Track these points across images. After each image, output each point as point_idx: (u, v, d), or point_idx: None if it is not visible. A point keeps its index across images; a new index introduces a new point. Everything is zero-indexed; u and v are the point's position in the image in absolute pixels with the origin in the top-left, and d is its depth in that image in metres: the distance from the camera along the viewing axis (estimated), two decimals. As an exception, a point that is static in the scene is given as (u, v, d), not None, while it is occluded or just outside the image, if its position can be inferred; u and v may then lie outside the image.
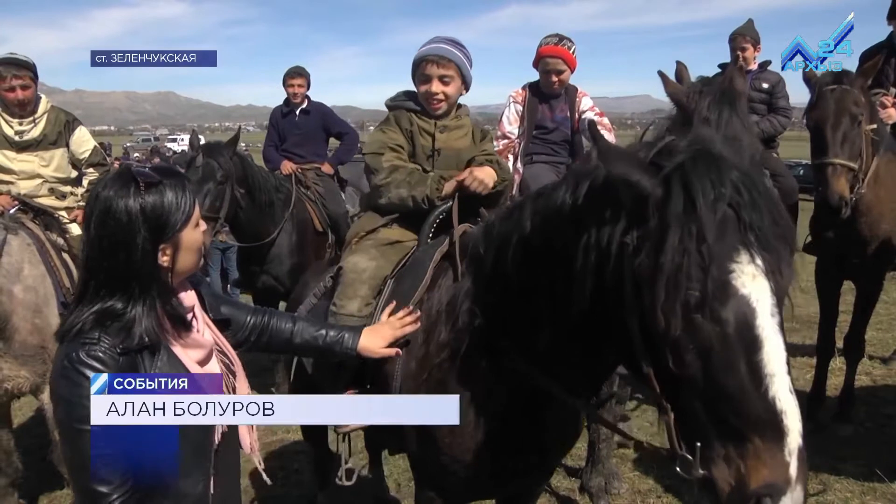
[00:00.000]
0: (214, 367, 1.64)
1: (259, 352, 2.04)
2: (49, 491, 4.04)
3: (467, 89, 2.66)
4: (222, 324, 1.81)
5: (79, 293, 1.51)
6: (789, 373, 1.30)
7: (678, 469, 1.38)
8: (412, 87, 2.64)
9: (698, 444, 1.33)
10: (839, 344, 4.81)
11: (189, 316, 1.60)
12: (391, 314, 2.17)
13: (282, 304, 4.74)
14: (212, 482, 1.58)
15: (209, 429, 1.57)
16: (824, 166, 3.80)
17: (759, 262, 1.29)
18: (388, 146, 2.56)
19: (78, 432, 1.41)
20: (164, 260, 1.52)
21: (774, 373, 1.27)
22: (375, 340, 2.10)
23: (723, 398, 1.28)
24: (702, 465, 1.32)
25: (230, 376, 1.67)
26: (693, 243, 1.27)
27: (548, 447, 2.17)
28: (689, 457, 1.34)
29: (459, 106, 2.69)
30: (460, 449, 2.04)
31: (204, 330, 1.65)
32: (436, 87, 2.54)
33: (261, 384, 5.09)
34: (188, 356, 1.56)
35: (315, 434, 3.31)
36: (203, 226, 1.63)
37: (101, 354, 1.42)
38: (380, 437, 2.43)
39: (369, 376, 2.28)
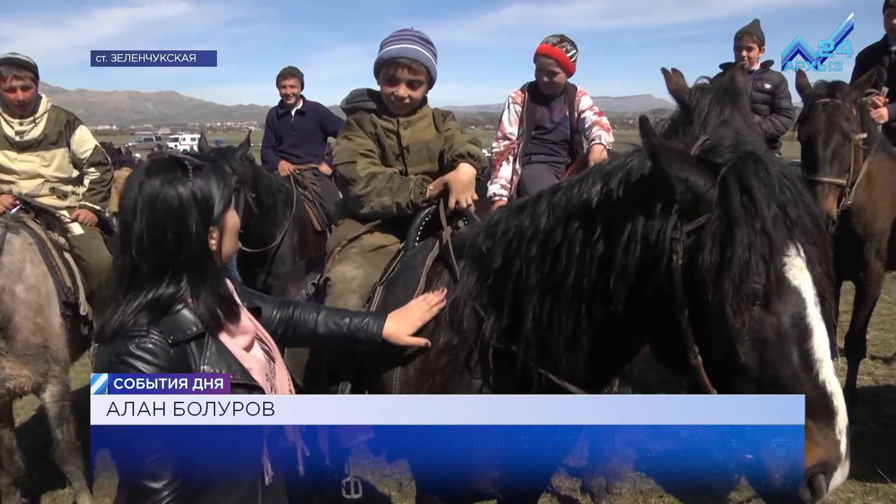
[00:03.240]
0: (258, 353, 1.64)
1: (285, 345, 1.99)
2: (51, 490, 4.05)
3: (431, 87, 2.57)
4: (254, 313, 1.79)
5: (125, 284, 1.48)
6: (832, 357, 1.39)
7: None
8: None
9: None
10: (840, 344, 4.80)
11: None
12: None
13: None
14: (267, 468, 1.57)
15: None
16: (813, 183, 3.82)
17: (803, 254, 1.38)
18: (360, 153, 2.47)
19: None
20: (212, 243, 1.53)
21: (822, 358, 1.36)
22: (402, 326, 2.03)
23: (776, 384, 1.36)
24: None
25: (270, 362, 1.67)
26: (757, 238, 1.34)
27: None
28: None
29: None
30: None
31: (245, 317, 1.65)
32: (403, 91, 2.45)
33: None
34: (235, 343, 1.55)
35: None
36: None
37: (151, 346, 1.41)
38: (378, 444, 2.38)
39: (366, 385, 2.23)
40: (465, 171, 2.43)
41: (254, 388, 1.54)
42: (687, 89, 3.62)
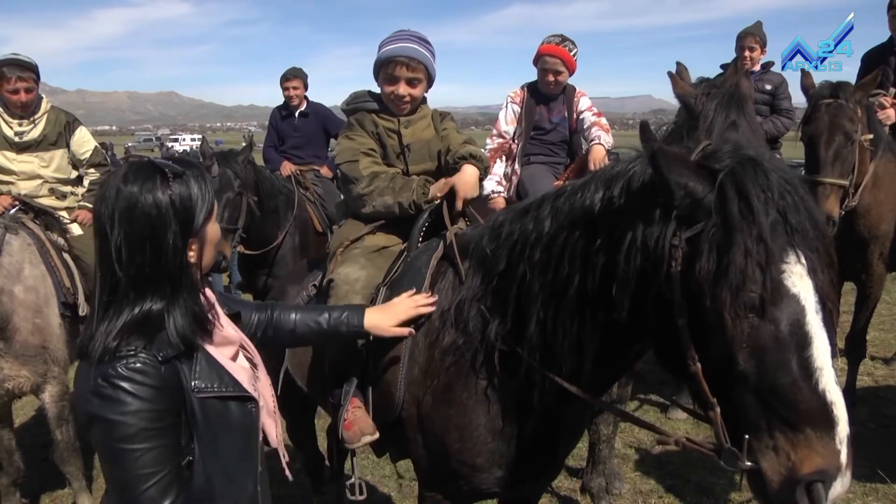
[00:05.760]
0: (243, 361, 1.61)
1: (266, 347, 1.96)
2: (51, 490, 4.05)
3: (431, 86, 2.58)
4: (233, 318, 1.74)
5: (105, 301, 1.39)
6: (834, 365, 1.37)
7: (722, 463, 1.43)
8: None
9: (746, 436, 1.38)
10: (840, 345, 4.80)
11: (212, 313, 1.54)
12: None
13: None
14: (258, 481, 1.55)
15: (254, 428, 1.53)
16: (815, 184, 3.83)
17: (803, 261, 1.36)
18: (362, 152, 2.48)
19: (122, 452, 1.32)
20: (191, 255, 1.44)
21: (823, 366, 1.34)
22: (385, 318, 2.03)
23: (775, 392, 1.34)
24: (748, 457, 1.38)
25: (254, 369, 1.64)
26: (754, 245, 1.33)
27: (559, 449, 2.15)
28: (735, 450, 1.40)
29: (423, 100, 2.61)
30: (470, 454, 2.02)
31: (228, 325, 1.61)
32: (403, 89, 2.46)
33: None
34: (221, 354, 1.51)
35: (303, 437, 3.26)
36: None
37: (140, 365, 1.33)
38: (381, 445, 2.37)
39: (370, 386, 2.23)
40: (471, 173, 2.45)
41: (246, 398, 1.51)
42: (693, 94, 3.63)
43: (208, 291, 1.59)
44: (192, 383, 1.41)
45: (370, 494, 3.66)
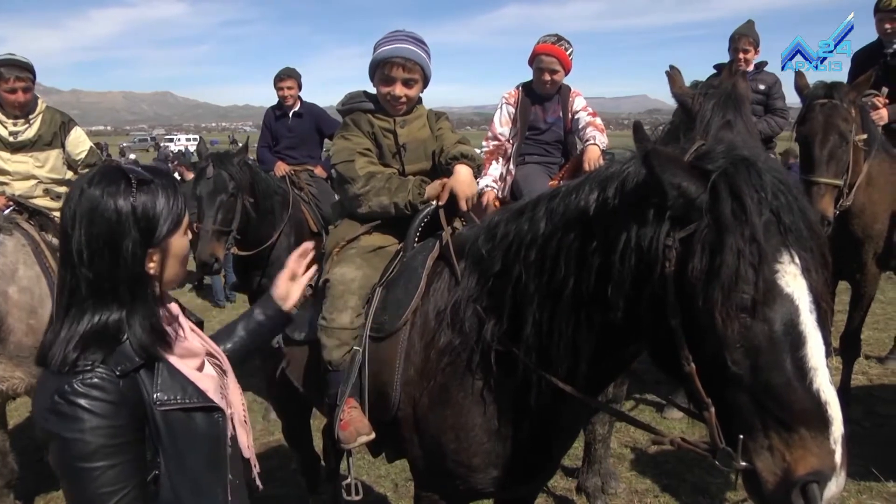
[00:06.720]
0: (210, 370, 1.58)
1: None
2: (45, 492, 4.04)
3: (426, 86, 2.58)
4: (199, 326, 1.69)
5: (65, 304, 1.38)
6: (828, 365, 1.37)
7: (717, 463, 1.43)
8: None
9: (741, 437, 1.38)
10: (835, 344, 4.82)
11: (175, 325, 1.51)
12: None
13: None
14: (229, 490, 1.52)
15: (222, 437, 1.50)
16: (810, 184, 3.84)
17: (797, 261, 1.36)
18: (358, 152, 2.48)
19: (80, 471, 1.28)
20: (150, 266, 1.41)
21: (817, 366, 1.34)
22: (283, 285, 1.91)
23: (769, 392, 1.35)
24: (743, 457, 1.38)
25: (223, 376, 1.61)
26: (746, 246, 1.33)
27: (555, 450, 2.15)
28: (730, 450, 1.40)
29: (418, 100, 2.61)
30: (466, 454, 2.02)
31: (193, 338, 1.57)
32: (399, 90, 2.46)
33: (256, 385, 5.08)
34: (186, 365, 1.48)
35: (299, 438, 3.26)
36: (190, 234, 1.53)
37: (98, 380, 1.30)
38: (377, 445, 2.37)
39: (366, 387, 2.22)
40: (465, 173, 2.44)
41: (212, 408, 1.47)
42: (690, 93, 3.63)
43: (173, 305, 1.55)
44: (154, 396, 1.37)
45: (366, 494, 3.65)
